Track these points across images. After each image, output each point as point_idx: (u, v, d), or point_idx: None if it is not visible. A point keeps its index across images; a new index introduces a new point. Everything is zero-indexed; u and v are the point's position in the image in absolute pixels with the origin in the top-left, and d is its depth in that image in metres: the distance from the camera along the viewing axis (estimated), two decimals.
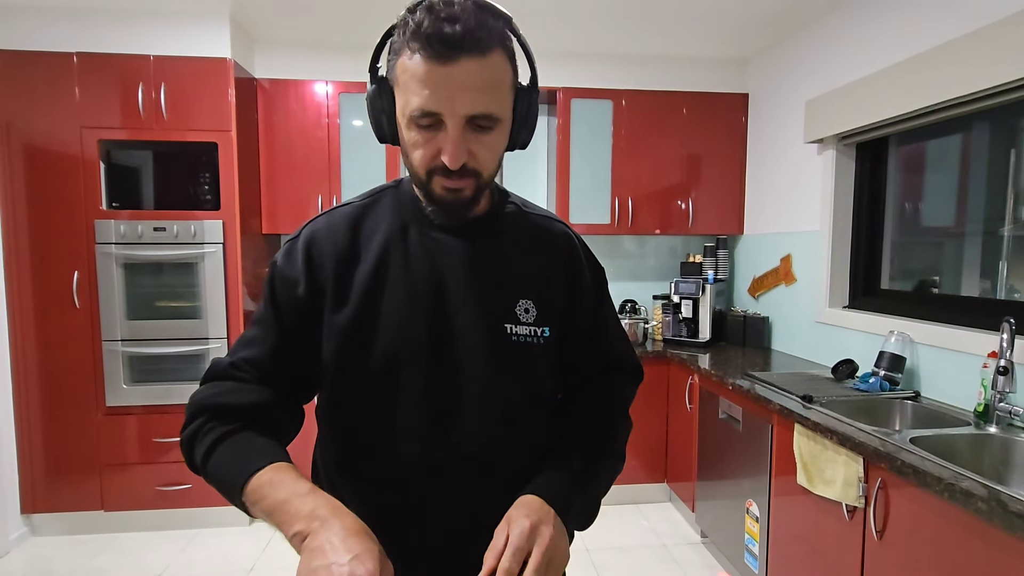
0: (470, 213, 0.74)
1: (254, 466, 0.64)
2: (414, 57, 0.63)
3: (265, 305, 0.77)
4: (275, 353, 0.74)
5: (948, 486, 1.23)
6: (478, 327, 0.74)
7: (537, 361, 0.77)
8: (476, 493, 0.74)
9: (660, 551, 2.50)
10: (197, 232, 2.55)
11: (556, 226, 0.85)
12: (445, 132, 0.65)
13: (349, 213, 0.78)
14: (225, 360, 0.75)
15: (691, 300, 3.04)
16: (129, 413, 2.58)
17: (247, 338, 0.76)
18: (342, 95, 2.85)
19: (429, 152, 0.67)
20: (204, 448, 0.68)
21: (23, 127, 2.44)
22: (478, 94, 0.64)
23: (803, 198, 2.66)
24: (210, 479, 0.69)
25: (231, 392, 0.72)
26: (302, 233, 0.77)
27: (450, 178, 0.67)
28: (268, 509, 0.61)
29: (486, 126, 0.66)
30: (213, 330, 2.59)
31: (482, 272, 0.76)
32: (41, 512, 2.58)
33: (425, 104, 0.63)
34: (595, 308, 0.84)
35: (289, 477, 0.63)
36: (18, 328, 2.50)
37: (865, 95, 2.16)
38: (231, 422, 0.69)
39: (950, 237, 2.18)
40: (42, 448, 2.55)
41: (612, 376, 0.87)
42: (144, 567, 2.36)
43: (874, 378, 1.99)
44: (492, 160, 0.70)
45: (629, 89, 3.02)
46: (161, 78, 2.49)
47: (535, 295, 0.77)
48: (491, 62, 0.64)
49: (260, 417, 0.71)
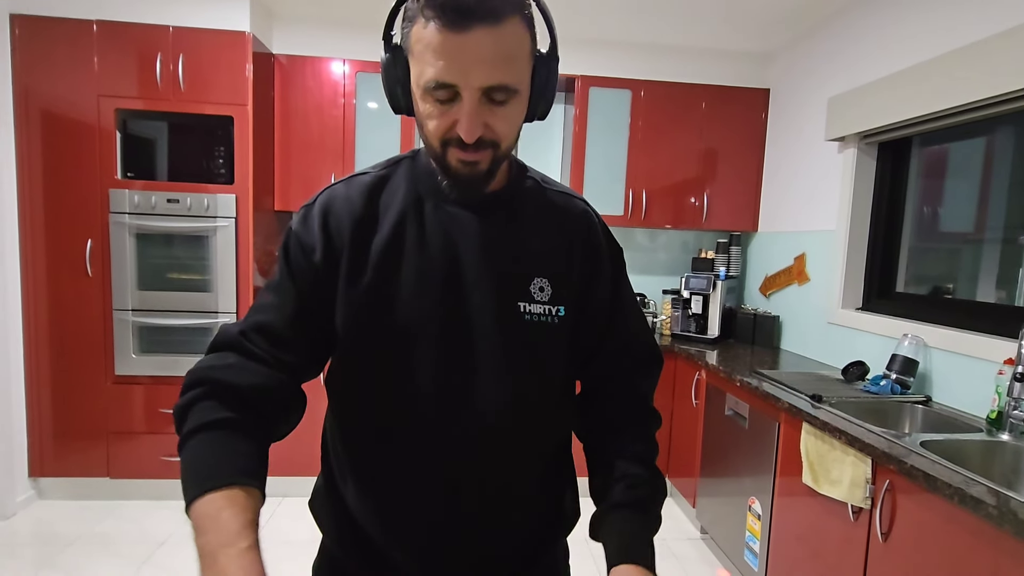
0: (486, 187, 0.71)
1: (210, 481, 0.60)
2: (428, 26, 0.60)
3: (280, 271, 0.74)
4: (289, 319, 0.72)
5: (958, 491, 1.21)
6: (491, 304, 0.72)
7: (551, 340, 0.75)
8: (485, 467, 0.74)
9: (659, 545, 2.48)
10: (210, 205, 2.55)
11: (576, 203, 0.82)
12: (460, 104, 0.62)
13: (367, 182, 0.75)
14: (235, 328, 0.70)
15: (701, 296, 3.01)
16: (137, 383, 2.60)
17: (261, 304, 0.73)
18: (359, 74, 2.83)
19: (444, 123, 0.64)
20: (186, 429, 0.65)
21: (41, 93, 2.45)
22: (494, 65, 0.61)
23: (820, 197, 2.62)
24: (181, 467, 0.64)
25: (234, 368, 0.67)
26: (319, 199, 0.75)
27: (466, 151, 0.65)
28: (198, 550, 0.57)
29: (502, 99, 0.64)
30: (223, 304, 2.60)
31: (497, 248, 0.73)
32: (48, 476, 2.62)
33: (439, 75, 0.61)
34: (613, 289, 0.81)
35: (235, 519, 0.58)
36: (31, 294, 2.52)
37: (889, 93, 2.12)
38: (224, 407, 0.65)
39: (968, 243, 2.14)
40: (51, 413, 2.58)
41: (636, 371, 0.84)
42: (148, 534, 2.39)
43: (885, 381, 1.97)
44: (510, 132, 0.67)
45: (648, 80, 2.99)
46: (180, 49, 2.48)
47: (551, 273, 0.75)
48: (507, 30, 0.61)
49: (259, 404, 0.68)
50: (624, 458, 0.77)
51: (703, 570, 2.33)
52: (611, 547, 0.72)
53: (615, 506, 0.74)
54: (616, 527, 0.73)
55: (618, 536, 0.72)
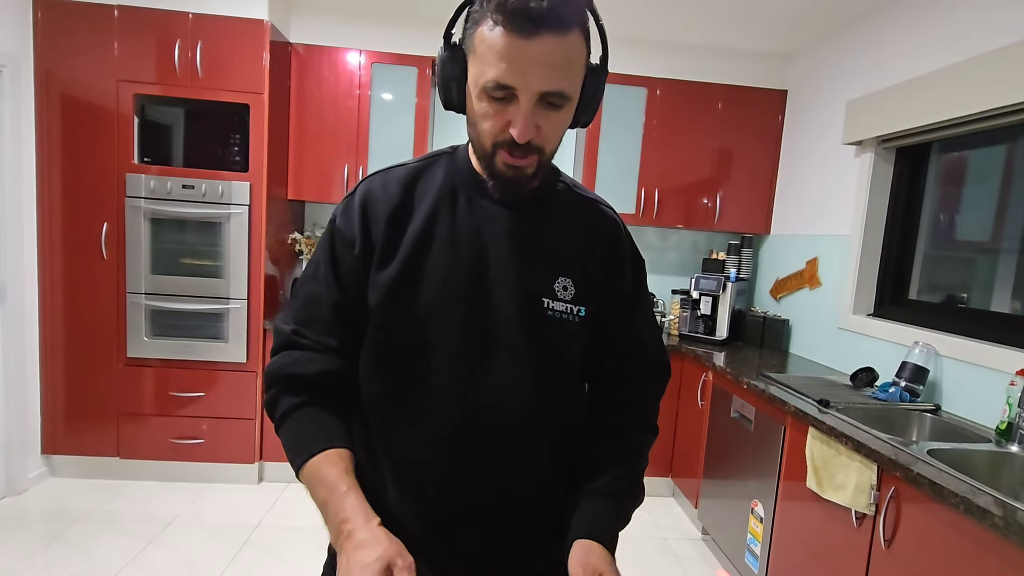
0: (528, 189, 0.75)
1: (308, 452, 0.70)
2: (495, 29, 0.63)
3: (325, 263, 0.78)
4: (334, 310, 0.77)
5: (964, 500, 1.21)
6: (515, 298, 0.75)
7: (571, 338, 0.78)
8: (500, 457, 0.76)
9: (660, 544, 2.51)
10: (224, 192, 2.57)
11: (605, 211, 0.85)
12: (516, 106, 0.66)
13: (404, 174, 0.79)
14: (287, 328, 0.78)
15: (711, 297, 3.00)
16: (148, 365, 2.64)
17: (308, 296, 0.79)
18: (375, 65, 2.84)
19: (498, 124, 0.68)
20: (276, 419, 0.76)
21: (62, 77, 2.48)
22: (554, 71, 0.65)
23: (835, 201, 2.60)
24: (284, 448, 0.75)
25: (299, 362, 0.75)
26: (358, 190, 0.79)
27: (514, 154, 0.69)
28: (317, 507, 0.69)
29: (556, 104, 0.67)
30: (234, 290, 2.63)
31: (525, 245, 0.77)
32: (60, 454, 2.66)
33: (501, 76, 0.64)
34: (631, 297, 0.84)
35: (333, 472, 0.68)
36: (47, 274, 2.56)
37: (910, 98, 2.09)
38: (300, 393, 0.74)
39: (984, 252, 2.11)
40: (64, 392, 2.62)
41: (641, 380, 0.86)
42: (155, 514, 2.43)
43: (894, 388, 1.96)
44: (556, 137, 0.72)
45: (665, 78, 2.97)
46: (198, 36, 2.50)
47: (575, 274, 0.78)
48: (570, 41, 0.65)
49: (326, 386, 0.75)
50: (609, 458, 0.80)
51: (703, 570, 2.34)
52: (578, 525, 0.74)
53: (592, 492, 0.77)
54: (588, 508, 0.76)
55: (589, 514, 0.75)
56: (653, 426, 0.87)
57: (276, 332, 0.80)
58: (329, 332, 0.77)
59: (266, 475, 2.80)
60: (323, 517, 0.67)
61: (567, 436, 0.83)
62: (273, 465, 2.78)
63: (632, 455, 0.82)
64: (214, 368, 2.66)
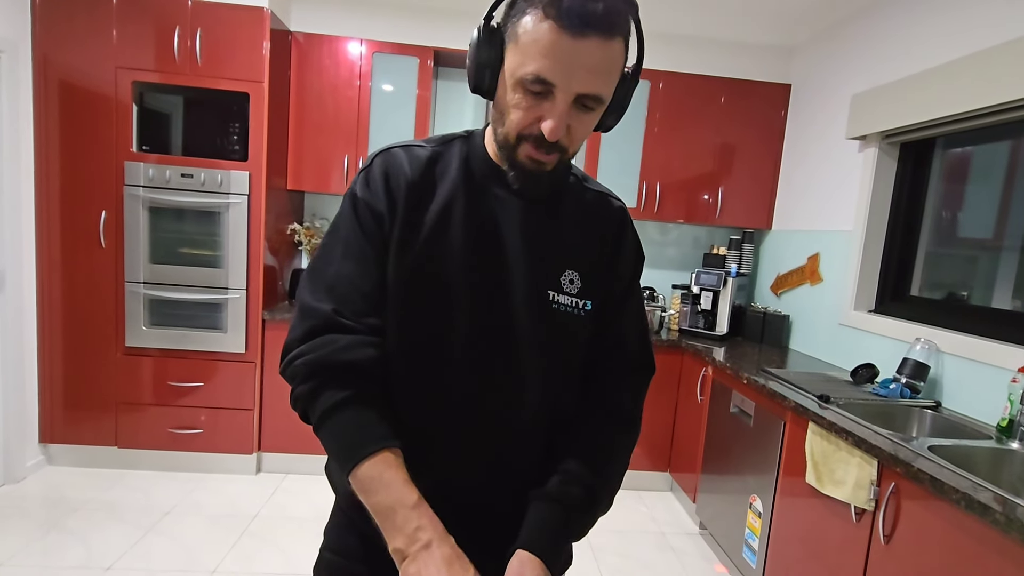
0: (546, 184, 0.75)
1: (363, 451, 0.67)
2: (544, 22, 0.62)
3: (356, 237, 0.74)
4: (375, 286, 0.73)
5: (965, 496, 1.20)
6: (524, 288, 0.75)
7: (574, 331, 0.78)
8: (502, 440, 0.77)
9: (658, 538, 2.51)
10: (223, 181, 2.55)
11: (612, 202, 0.85)
12: (552, 103, 0.65)
13: (424, 154, 0.78)
14: (326, 308, 0.70)
15: (711, 292, 2.99)
16: (147, 355, 2.63)
17: (339, 274, 0.73)
18: (375, 55, 2.81)
19: (529, 117, 0.67)
20: (317, 415, 0.69)
21: (60, 62, 2.45)
22: (596, 75, 0.65)
23: (838, 196, 2.58)
24: (324, 446, 0.71)
25: (345, 348, 0.69)
26: (375, 161, 0.77)
27: (539, 150, 0.68)
28: (373, 508, 0.66)
29: (590, 107, 0.67)
30: (233, 280, 2.61)
31: (535, 237, 0.77)
32: (58, 443, 2.66)
33: (543, 71, 0.63)
34: (626, 290, 0.84)
35: (397, 478, 0.66)
36: (45, 263, 2.54)
37: (915, 93, 2.08)
38: (346, 385, 0.69)
39: (986, 249, 2.10)
40: (62, 381, 2.62)
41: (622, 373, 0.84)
42: (153, 504, 2.43)
43: (895, 384, 1.95)
44: (582, 139, 0.72)
45: (668, 71, 2.94)
46: (198, 23, 2.48)
47: (582, 268, 0.78)
48: (614, 46, 0.65)
49: (376, 373, 0.71)
50: (575, 456, 0.77)
51: (701, 565, 2.34)
52: (521, 534, 0.72)
53: (540, 496, 0.74)
54: (535, 516, 0.73)
55: (535, 523, 0.72)
56: (630, 423, 0.83)
57: (308, 312, 0.71)
58: (372, 310, 0.72)
59: (264, 465, 2.79)
60: (382, 520, 0.65)
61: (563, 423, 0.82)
62: (271, 455, 2.78)
63: (601, 455, 0.78)
64: (213, 358, 2.65)
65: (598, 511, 0.77)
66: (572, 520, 0.74)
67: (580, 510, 0.74)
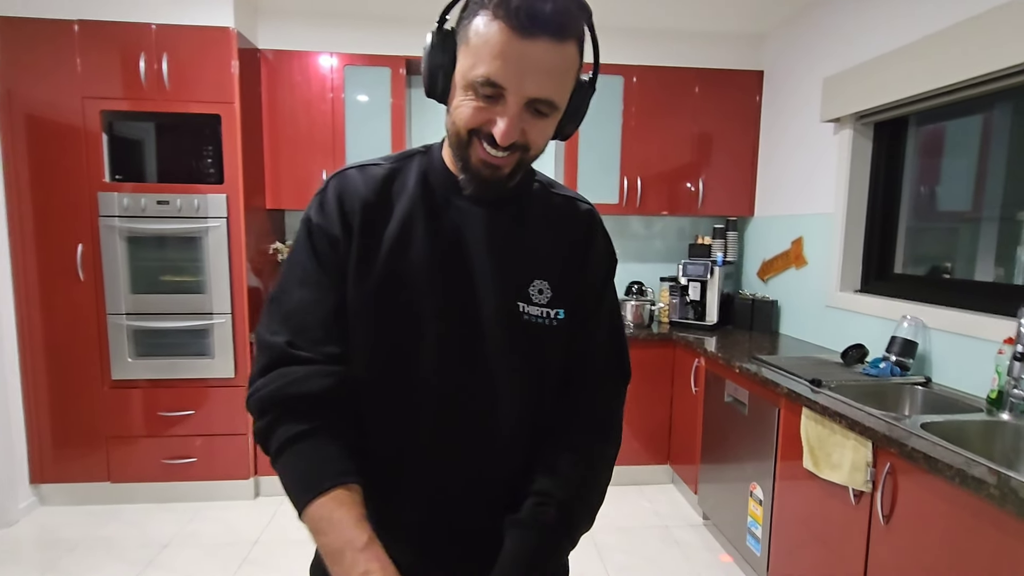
0: (504, 190, 0.72)
1: (315, 489, 0.64)
2: (494, 23, 0.61)
3: (309, 264, 0.72)
4: (332, 313, 0.71)
5: (959, 472, 1.21)
6: (492, 302, 0.73)
7: (547, 343, 0.76)
8: (475, 458, 0.75)
9: (662, 532, 2.51)
10: (200, 206, 2.52)
11: (580, 206, 0.82)
12: (503, 106, 0.64)
13: (379, 173, 0.76)
14: (279, 340, 0.69)
15: (699, 282, 3.00)
16: (134, 387, 2.59)
17: (298, 303, 0.71)
18: (347, 67, 2.79)
19: (478, 118, 0.65)
20: (273, 451, 0.68)
21: (24, 96, 2.41)
22: (547, 78, 0.64)
23: (817, 179, 2.60)
24: (281, 483, 0.68)
25: (299, 380, 0.68)
26: (331, 184, 0.75)
27: (492, 152, 0.66)
28: (322, 549, 0.64)
29: (544, 112, 0.66)
30: (217, 305, 2.58)
31: (501, 248, 0.75)
32: (49, 482, 2.61)
33: (493, 74, 0.62)
34: (598, 293, 0.81)
35: (348, 518, 0.63)
36: (24, 300, 2.50)
37: (886, 72, 2.09)
38: (301, 420, 0.67)
39: (966, 222, 2.12)
40: (49, 419, 2.57)
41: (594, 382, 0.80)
42: (150, 537, 2.39)
43: (884, 363, 1.96)
44: (541, 142, 0.70)
45: (641, 65, 2.95)
46: (163, 48, 2.44)
47: (551, 276, 0.76)
48: (566, 50, 0.64)
49: (334, 405, 0.69)
50: (549, 474, 0.74)
51: (706, 556, 2.34)
52: (498, 564, 0.70)
53: (515, 523, 0.72)
54: (508, 545, 0.71)
55: (507, 554, 0.70)
56: (607, 434, 0.80)
57: (263, 347, 0.71)
58: (329, 339, 0.70)
59: (262, 490, 2.76)
60: (330, 562, 0.63)
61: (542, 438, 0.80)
62: (269, 479, 2.75)
63: (576, 471, 0.75)
64: (202, 385, 2.62)
65: (577, 530, 0.74)
66: (549, 544, 0.72)
67: (557, 532, 0.72)
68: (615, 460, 0.81)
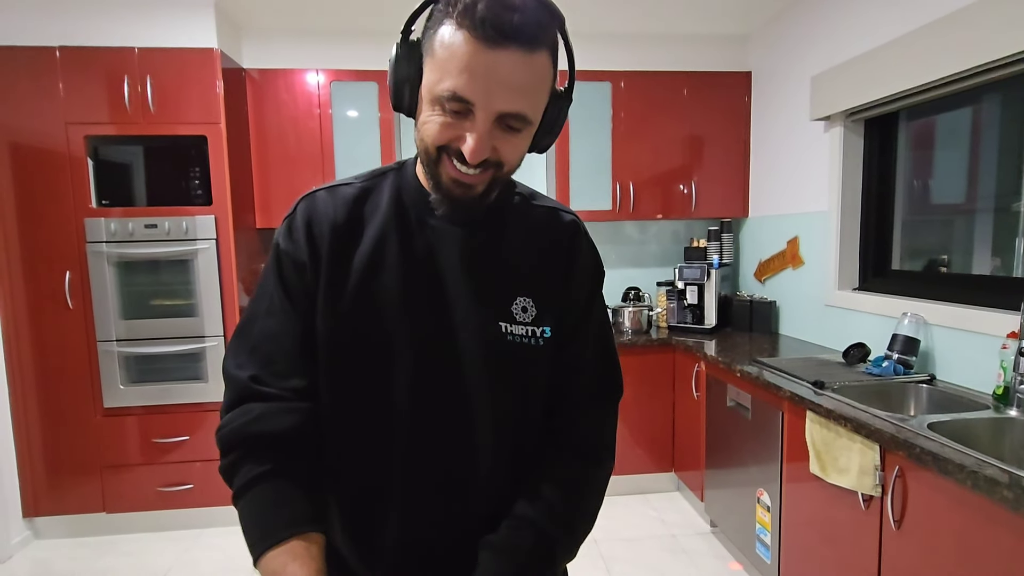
0: (478, 209, 0.69)
1: (269, 539, 0.62)
2: (458, 34, 0.57)
3: (275, 292, 0.70)
4: (298, 344, 0.69)
5: (971, 473, 1.18)
6: (473, 324, 0.70)
7: (533, 362, 0.72)
8: (458, 490, 0.71)
9: (669, 541, 2.47)
10: (189, 228, 2.49)
11: (563, 216, 0.78)
12: (472, 122, 0.60)
13: (349, 193, 0.73)
14: (243, 374, 0.68)
15: (696, 286, 2.97)
16: (128, 414, 2.54)
17: (262, 333, 0.69)
18: (334, 83, 2.78)
19: (447, 135, 0.62)
20: (235, 489, 0.66)
21: (7, 124, 2.38)
22: (517, 92, 0.60)
23: (810, 178, 2.58)
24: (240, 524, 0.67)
25: (262, 419, 0.66)
26: (299, 207, 0.73)
27: (463, 170, 0.63)
28: None
29: (515, 127, 0.62)
30: (209, 328, 2.54)
31: (480, 267, 0.71)
32: (43, 515, 2.56)
33: (460, 88, 0.58)
34: (584, 307, 0.77)
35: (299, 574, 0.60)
36: (11, 329, 2.46)
37: (873, 69, 2.08)
38: (264, 460, 0.65)
39: (961, 214, 2.11)
40: (41, 451, 2.52)
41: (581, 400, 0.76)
42: (148, 568, 2.34)
43: (887, 362, 1.94)
44: (514, 157, 0.66)
45: (628, 70, 2.94)
46: (147, 71, 2.42)
47: (535, 293, 0.72)
48: (537, 61, 0.60)
49: (297, 444, 0.67)
50: (530, 497, 0.70)
51: (715, 564, 2.30)
52: None
53: (487, 546, 0.68)
54: (478, 570, 0.67)
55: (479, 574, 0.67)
56: (597, 455, 0.76)
57: (228, 381, 0.69)
58: (295, 371, 0.68)
59: None
60: None
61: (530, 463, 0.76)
62: None
63: (562, 494, 0.71)
64: (196, 410, 2.57)
65: (556, 559, 0.70)
66: (523, 570, 0.67)
67: (534, 559, 0.67)
68: (607, 482, 0.77)
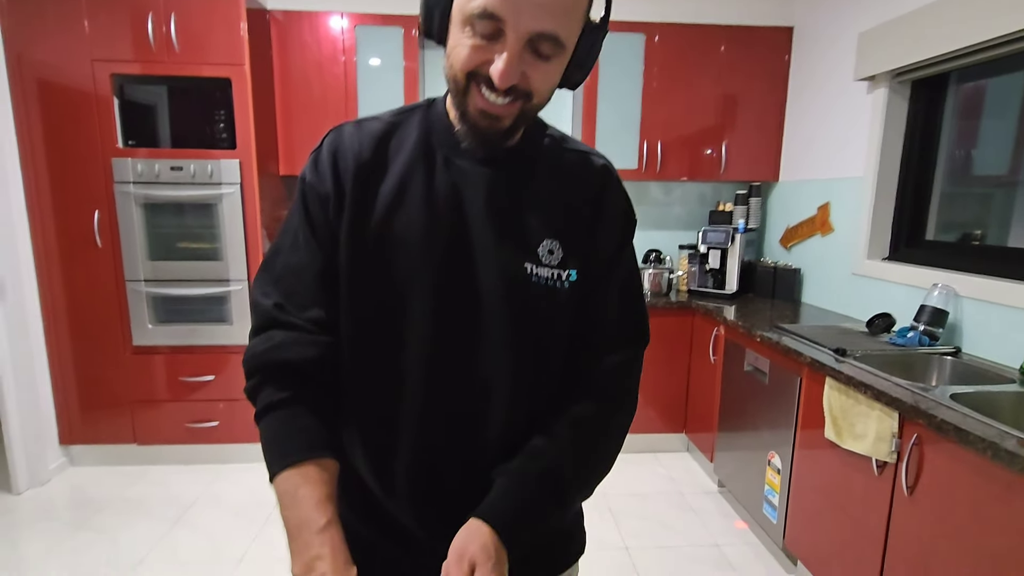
0: (504, 144, 0.68)
1: (283, 462, 0.64)
2: None
3: (300, 224, 0.71)
4: (319, 277, 0.70)
5: (992, 444, 1.17)
6: (496, 263, 0.69)
7: (557, 305, 0.71)
8: (474, 430, 0.71)
9: (677, 498, 2.52)
10: (214, 172, 2.50)
11: (594, 160, 0.76)
12: (502, 43, 0.58)
13: (376, 128, 0.72)
14: (268, 301, 0.69)
15: (719, 250, 2.93)
16: (156, 352, 2.63)
17: (286, 265, 0.71)
18: (358, 28, 2.71)
19: (477, 57, 0.59)
20: (257, 411, 0.68)
21: (34, 60, 2.37)
22: (550, 11, 0.57)
23: (847, 142, 2.49)
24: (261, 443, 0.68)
25: (283, 347, 0.67)
26: (326, 141, 0.72)
27: (492, 99, 0.61)
28: (284, 522, 0.63)
29: (547, 53, 0.60)
30: (234, 272, 2.58)
31: (507, 207, 0.70)
32: (78, 443, 2.69)
33: (491, 4, 0.56)
34: (614, 254, 0.74)
35: (311, 496, 0.62)
36: (44, 268, 2.52)
37: (927, 26, 1.97)
38: (284, 386, 0.67)
39: (1002, 186, 2.02)
40: (75, 383, 2.63)
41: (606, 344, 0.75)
42: (176, 497, 2.46)
43: (912, 332, 1.91)
44: (545, 88, 0.63)
45: (663, 22, 2.82)
46: (171, 8, 2.38)
47: (563, 235, 0.71)
48: None
49: (316, 373, 0.68)
50: (547, 432, 0.70)
51: (721, 522, 2.35)
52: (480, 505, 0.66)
53: (502, 473, 0.68)
54: (492, 492, 0.67)
55: (490, 497, 0.67)
56: (618, 399, 0.74)
57: (254, 308, 0.71)
58: (316, 303, 0.70)
59: None
60: (289, 538, 0.61)
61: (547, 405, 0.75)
62: None
63: (578, 432, 0.70)
64: (222, 351, 2.65)
65: (567, 494, 0.69)
66: (536, 497, 0.67)
67: (543, 490, 0.67)
68: (626, 427, 0.76)
